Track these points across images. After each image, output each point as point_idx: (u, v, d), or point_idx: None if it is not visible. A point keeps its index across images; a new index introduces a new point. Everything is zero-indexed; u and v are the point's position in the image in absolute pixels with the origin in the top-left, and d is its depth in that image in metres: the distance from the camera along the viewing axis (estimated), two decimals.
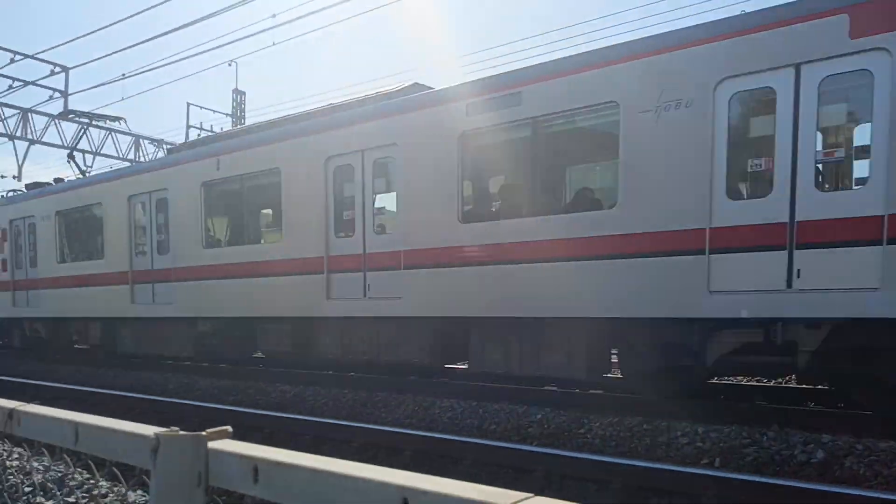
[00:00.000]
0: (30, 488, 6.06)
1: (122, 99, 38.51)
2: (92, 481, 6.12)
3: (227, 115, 28.78)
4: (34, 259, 16.88)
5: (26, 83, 20.72)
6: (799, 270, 6.84)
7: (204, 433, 1.08)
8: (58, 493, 6.00)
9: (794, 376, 9.35)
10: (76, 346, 17.82)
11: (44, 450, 1.56)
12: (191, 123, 26.87)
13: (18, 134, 22.08)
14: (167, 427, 1.17)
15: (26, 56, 20.30)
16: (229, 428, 1.12)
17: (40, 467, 6.51)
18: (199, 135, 26.29)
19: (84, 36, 28.80)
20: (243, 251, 12.25)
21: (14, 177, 23.44)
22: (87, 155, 23.34)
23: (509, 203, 9.56)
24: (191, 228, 12.86)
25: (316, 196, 10.85)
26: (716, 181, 7.25)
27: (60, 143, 22.87)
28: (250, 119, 29.89)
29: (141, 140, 24.81)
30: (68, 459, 1.70)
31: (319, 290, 10.84)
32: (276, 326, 12.00)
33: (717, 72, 7.23)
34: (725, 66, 7.19)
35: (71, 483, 6.11)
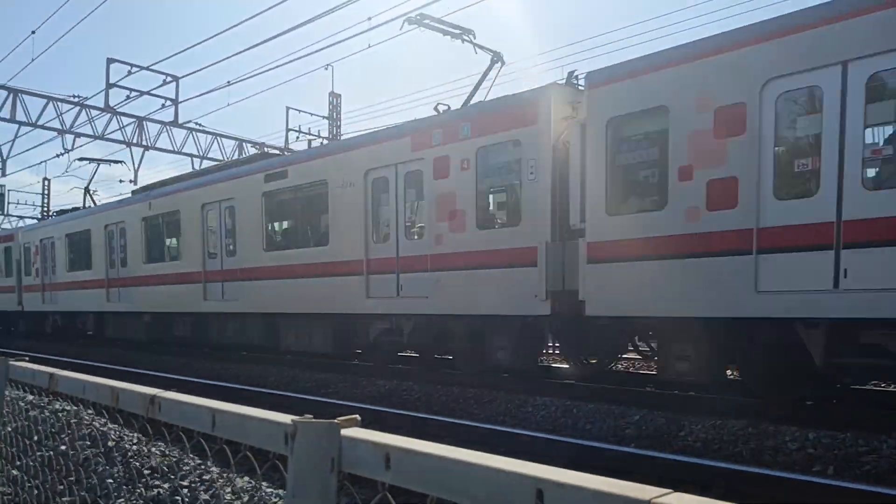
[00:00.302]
0: (148, 471, 6.52)
1: (228, 105, 40.49)
2: (203, 467, 6.53)
3: (323, 117, 29.67)
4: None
5: (141, 93, 22.18)
6: None
7: (336, 421, 1.14)
8: (172, 477, 6.43)
9: None
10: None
11: (181, 434, 1.67)
12: (290, 126, 27.86)
13: (134, 141, 23.69)
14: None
15: (142, 68, 21.72)
16: (358, 417, 1.18)
17: (157, 452, 6.99)
18: (297, 138, 27.29)
19: (192, 47, 30.44)
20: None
21: (130, 181, 25.18)
22: (194, 159, 24.78)
23: None
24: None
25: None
26: None
27: (171, 148, 24.36)
28: (345, 121, 30.71)
29: (244, 144, 26.02)
30: (192, 444, 1.82)
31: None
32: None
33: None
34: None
35: (185, 468, 6.53)
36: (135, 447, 7.06)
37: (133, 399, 1.79)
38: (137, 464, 6.73)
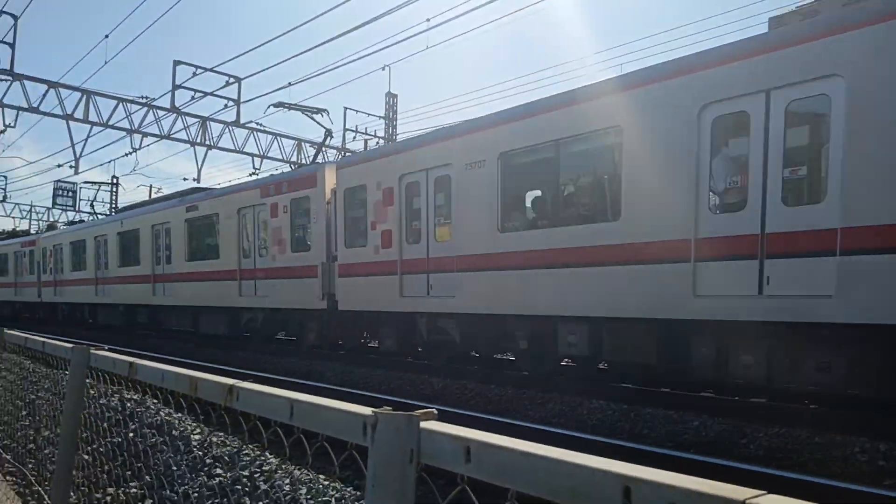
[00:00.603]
0: (210, 460, 6.73)
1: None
2: (262, 458, 6.70)
3: (380, 117, 30.00)
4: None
5: (205, 94, 22.86)
6: None
7: (416, 413, 1.16)
8: (234, 466, 6.61)
9: None
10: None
11: (258, 423, 1.73)
12: (347, 127, 28.28)
13: (198, 140, 24.42)
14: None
15: (206, 69, 22.40)
16: (434, 410, 1.19)
17: (218, 441, 7.20)
18: (354, 138, 27.73)
19: (254, 49, 31.16)
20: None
21: (194, 179, 25.99)
22: (255, 158, 25.41)
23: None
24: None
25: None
26: None
27: (233, 147, 25.02)
28: (401, 121, 30.97)
29: (302, 143, 26.53)
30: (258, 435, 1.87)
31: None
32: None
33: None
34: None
35: (245, 458, 6.71)
36: (197, 436, 7.32)
37: (211, 388, 1.86)
38: (200, 452, 6.97)
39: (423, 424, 1.15)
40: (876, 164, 6.81)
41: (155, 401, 7.96)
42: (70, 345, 3.16)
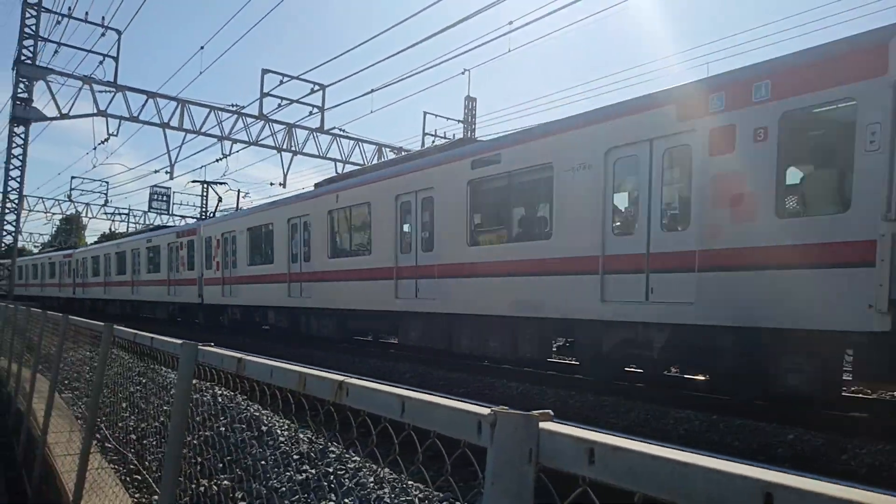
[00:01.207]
0: (297, 457, 6.93)
1: (371, 112, 42.31)
2: (346, 456, 6.85)
3: (458, 121, 30.18)
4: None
5: (291, 101, 23.64)
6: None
7: (535, 413, 1.17)
8: (319, 463, 6.80)
9: None
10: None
11: (367, 419, 1.77)
12: (426, 131, 28.58)
13: (285, 146, 25.27)
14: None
15: (292, 78, 23.16)
16: (551, 412, 1.20)
17: (305, 439, 7.41)
18: (433, 142, 27.97)
19: (337, 57, 31.99)
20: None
21: (280, 184, 26.89)
22: (337, 163, 26.05)
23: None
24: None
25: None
26: None
27: (317, 153, 25.75)
28: (480, 125, 31.04)
29: (383, 148, 27.01)
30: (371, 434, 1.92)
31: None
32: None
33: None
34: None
35: (331, 456, 6.89)
36: (285, 432, 7.57)
37: (320, 385, 1.93)
38: (287, 448, 7.19)
39: (541, 425, 1.16)
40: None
41: (244, 396, 8.32)
42: (179, 341, 3.34)
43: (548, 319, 11.42)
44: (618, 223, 10.41)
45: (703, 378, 10.75)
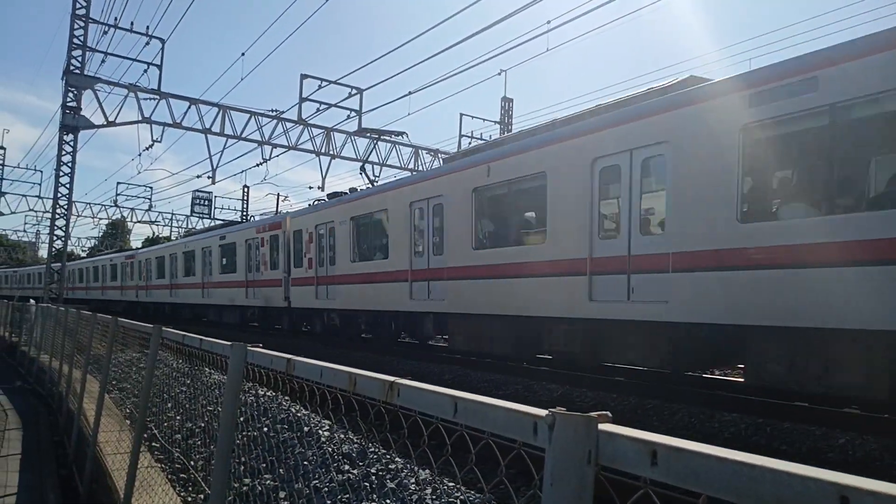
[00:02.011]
0: (339, 457, 6.99)
1: (408, 114, 42.51)
2: (388, 457, 6.89)
3: (495, 122, 30.12)
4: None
5: (329, 106, 23.92)
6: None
7: (594, 415, 1.17)
8: (360, 463, 6.85)
9: None
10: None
11: (418, 418, 1.78)
12: (462, 133, 28.61)
13: (323, 150, 25.56)
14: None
15: (330, 82, 23.44)
16: (609, 413, 1.19)
17: (351, 439, 7.47)
18: (470, 143, 27.98)
19: (375, 61, 32.28)
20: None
21: (319, 187, 27.21)
22: (375, 166, 26.23)
23: None
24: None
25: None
26: None
27: (354, 156, 25.98)
28: (517, 125, 30.94)
29: (419, 151, 27.12)
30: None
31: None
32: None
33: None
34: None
35: (371, 457, 6.94)
36: (327, 433, 7.65)
37: (371, 385, 1.95)
38: (330, 449, 7.26)
39: (601, 426, 1.16)
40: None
41: (287, 398, 8.43)
42: (228, 343, 3.40)
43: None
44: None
45: (742, 381, 10.56)
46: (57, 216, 25.39)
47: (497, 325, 13.44)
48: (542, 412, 1.26)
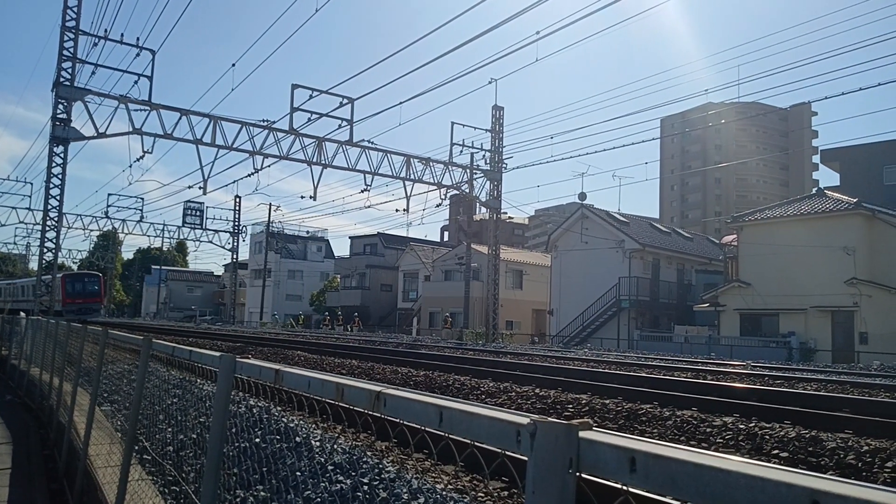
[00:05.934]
0: (332, 467, 6.97)
1: (400, 124, 42.52)
2: (380, 466, 6.86)
3: (486, 130, 30.19)
4: None
5: (321, 115, 23.92)
6: None
7: (575, 422, 1.17)
8: (353, 473, 6.82)
9: None
10: None
11: (404, 427, 1.78)
12: (454, 141, 28.64)
13: (314, 160, 25.55)
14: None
15: (321, 92, 23.45)
16: (590, 420, 1.20)
17: (338, 449, 7.44)
18: (461, 151, 28.06)
19: (366, 70, 32.38)
20: None
21: (311, 197, 27.18)
22: (366, 175, 26.24)
23: None
24: None
25: None
26: None
27: (346, 166, 25.99)
28: (507, 134, 31.03)
29: (411, 159, 27.13)
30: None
31: None
32: None
33: None
34: None
35: (364, 466, 6.91)
36: (317, 443, 7.62)
37: (358, 395, 1.95)
38: (322, 459, 7.23)
39: (581, 434, 1.16)
40: None
41: (279, 408, 8.39)
42: (217, 354, 3.40)
43: None
44: None
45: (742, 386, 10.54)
46: (47, 228, 25.26)
47: None
48: (525, 420, 1.26)
